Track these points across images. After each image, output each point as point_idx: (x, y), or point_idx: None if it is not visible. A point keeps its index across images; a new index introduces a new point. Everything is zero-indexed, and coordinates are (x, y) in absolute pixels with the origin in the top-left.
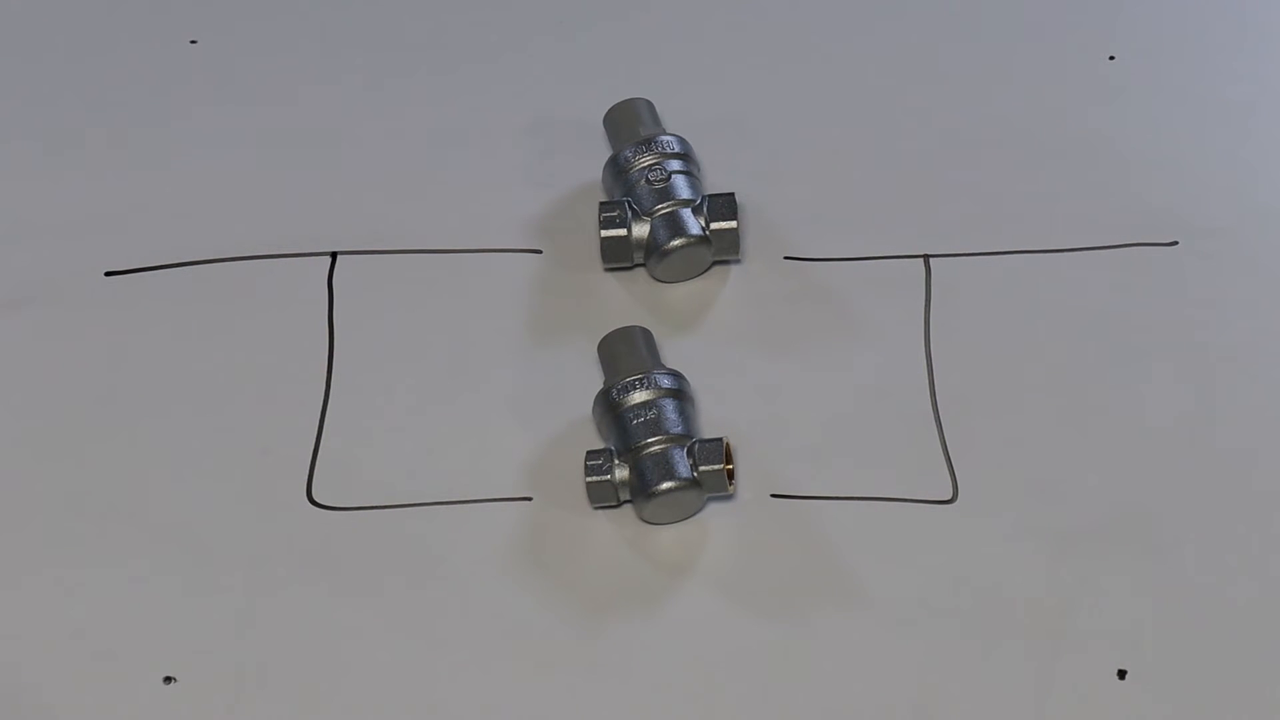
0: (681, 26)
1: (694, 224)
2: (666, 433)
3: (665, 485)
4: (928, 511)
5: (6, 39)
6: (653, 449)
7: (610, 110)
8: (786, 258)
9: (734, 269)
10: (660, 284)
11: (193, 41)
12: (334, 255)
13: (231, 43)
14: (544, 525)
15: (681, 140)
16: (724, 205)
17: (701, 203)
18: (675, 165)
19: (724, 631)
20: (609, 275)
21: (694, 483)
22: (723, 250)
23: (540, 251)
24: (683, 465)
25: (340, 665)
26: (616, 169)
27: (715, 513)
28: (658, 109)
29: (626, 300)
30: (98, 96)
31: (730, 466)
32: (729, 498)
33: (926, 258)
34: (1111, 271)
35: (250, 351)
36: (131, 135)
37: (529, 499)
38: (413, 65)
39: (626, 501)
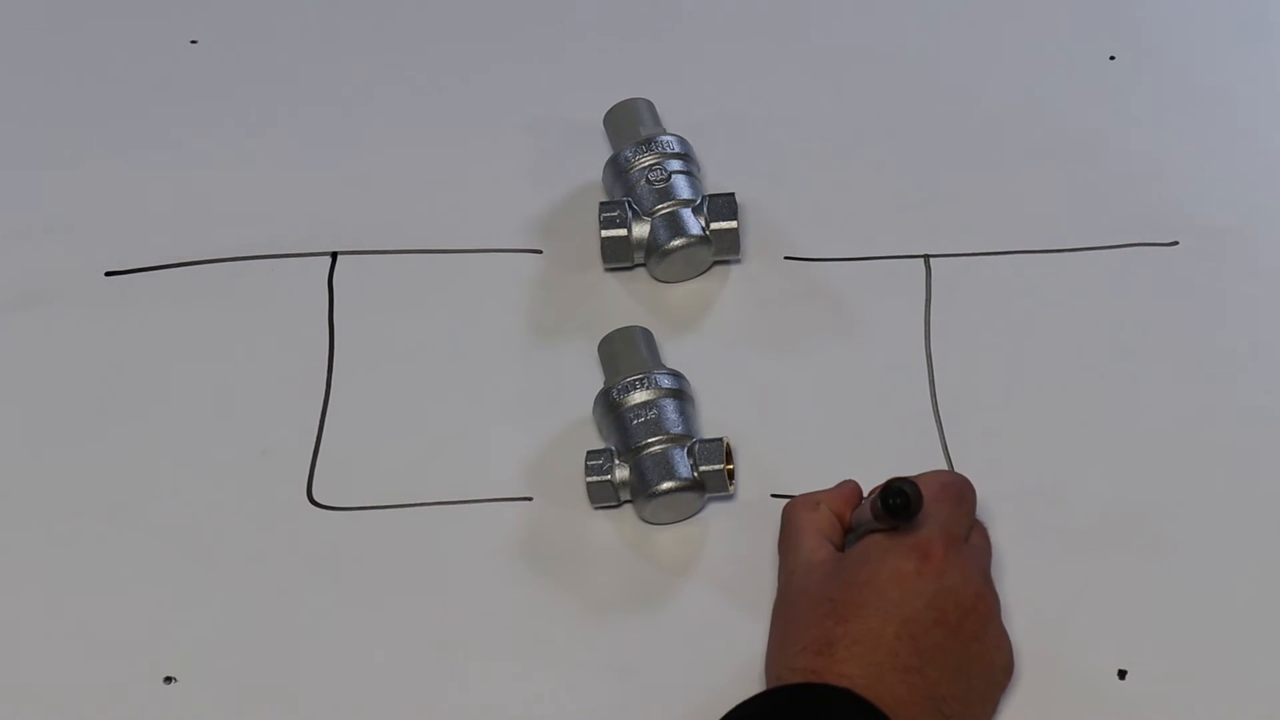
0: (681, 26)
1: (694, 224)
2: (667, 433)
3: (665, 485)
4: None
5: (7, 39)
6: (653, 449)
7: (610, 110)
8: (786, 258)
9: (734, 269)
10: (660, 284)
11: (193, 41)
12: (334, 255)
13: (231, 43)
14: (544, 525)
15: (681, 140)
16: (724, 205)
17: (701, 203)
18: (675, 165)
19: (724, 631)
20: (609, 275)
21: (695, 483)
22: (723, 250)
23: (540, 251)
24: (683, 465)
25: (340, 665)
26: (617, 169)
27: (715, 513)
28: (658, 109)
29: (626, 300)
30: (98, 96)
31: (730, 466)
32: (729, 498)
33: (926, 258)
34: (1111, 271)
35: (250, 351)
36: (131, 135)
37: (529, 499)
38: (413, 65)
39: (626, 501)
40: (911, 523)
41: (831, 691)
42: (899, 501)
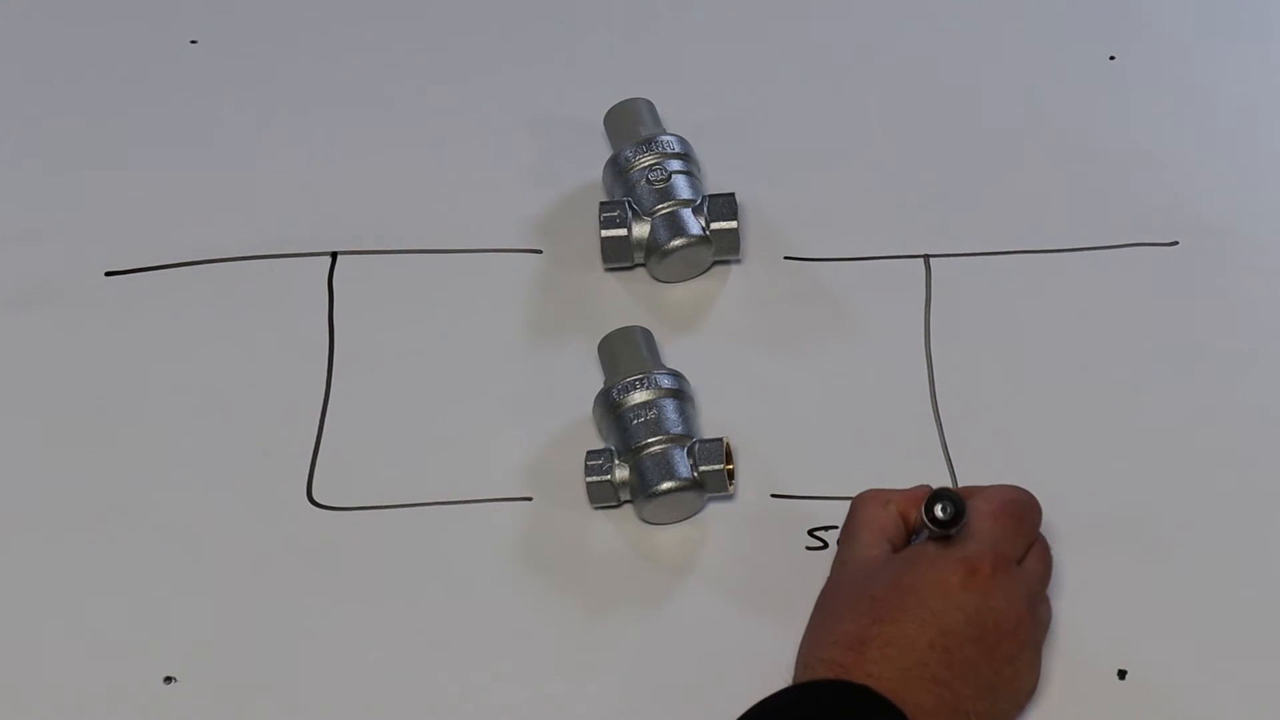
0: (681, 27)
1: (694, 224)
2: (666, 433)
3: (665, 485)
4: None
5: (7, 39)
6: (653, 449)
7: (610, 110)
8: (786, 258)
9: (734, 269)
10: (660, 284)
11: (193, 41)
12: (334, 255)
13: (231, 43)
14: (544, 525)
15: (681, 140)
16: (724, 205)
17: (701, 203)
18: (675, 165)
19: (724, 631)
20: (609, 275)
21: (694, 483)
22: (723, 250)
23: (540, 251)
24: (683, 465)
25: (340, 665)
26: (617, 169)
27: (715, 513)
28: (658, 109)
29: (626, 300)
30: (98, 96)
31: (730, 466)
32: (729, 498)
33: (926, 258)
34: (1111, 271)
35: (250, 351)
36: (131, 135)
37: (529, 499)
38: (413, 65)
39: (626, 501)
40: (959, 533)
41: (865, 696)
42: (944, 512)
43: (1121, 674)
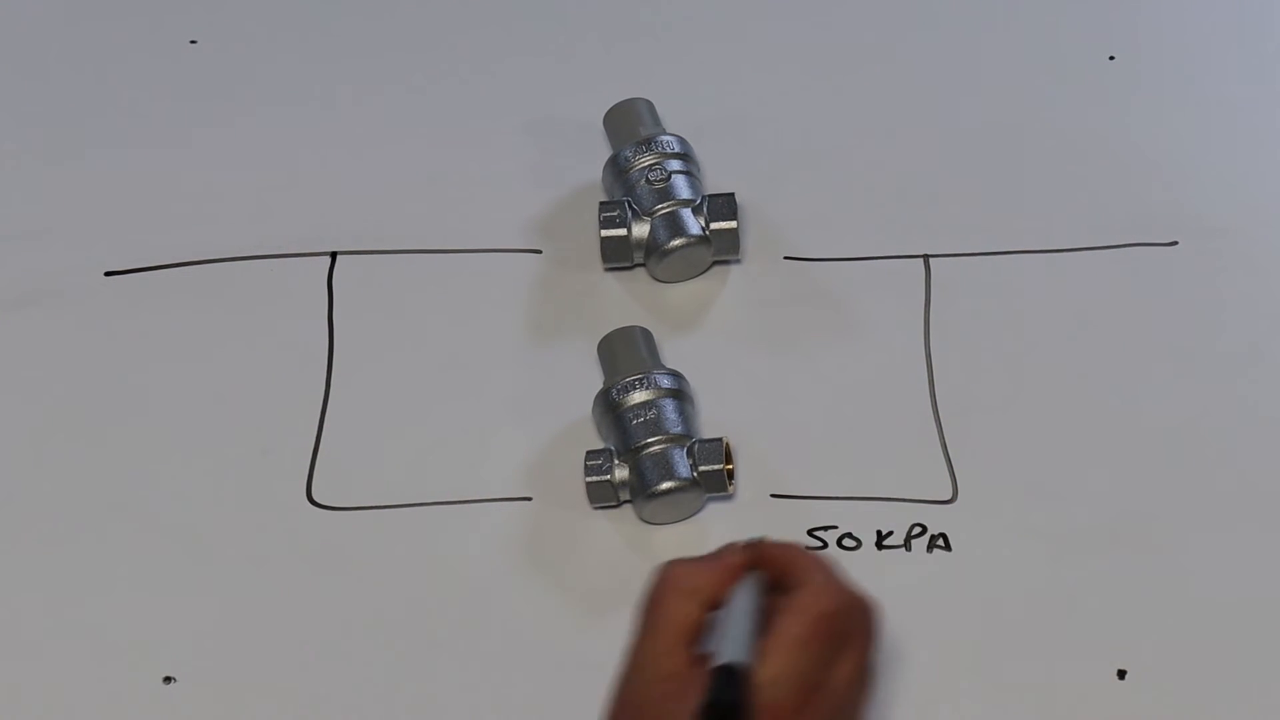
0: (681, 27)
1: (694, 224)
2: (666, 433)
3: (665, 485)
4: (928, 511)
5: (7, 39)
6: (653, 449)
7: (610, 110)
8: (786, 258)
9: (734, 269)
10: (660, 284)
11: (193, 41)
12: (334, 255)
13: (231, 43)
14: (544, 525)
15: (681, 140)
16: (724, 205)
17: (701, 203)
18: (675, 165)
19: None
20: (609, 275)
21: (694, 483)
22: (723, 250)
23: (540, 251)
24: (683, 465)
25: (340, 665)
26: (616, 169)
27: (715, 513)
28: (658, 109)
29: (626, 300)
30: (98, 96)
31: (730, 466)
32: (729, 498)
33: (926, 258)
34: (1111, 271)
35: (250, 351)
36: (131, 135)
37: (529, 499)
38: (413, 65)
39: (626, 501)
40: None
41: None
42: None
43: (1121, 674)
